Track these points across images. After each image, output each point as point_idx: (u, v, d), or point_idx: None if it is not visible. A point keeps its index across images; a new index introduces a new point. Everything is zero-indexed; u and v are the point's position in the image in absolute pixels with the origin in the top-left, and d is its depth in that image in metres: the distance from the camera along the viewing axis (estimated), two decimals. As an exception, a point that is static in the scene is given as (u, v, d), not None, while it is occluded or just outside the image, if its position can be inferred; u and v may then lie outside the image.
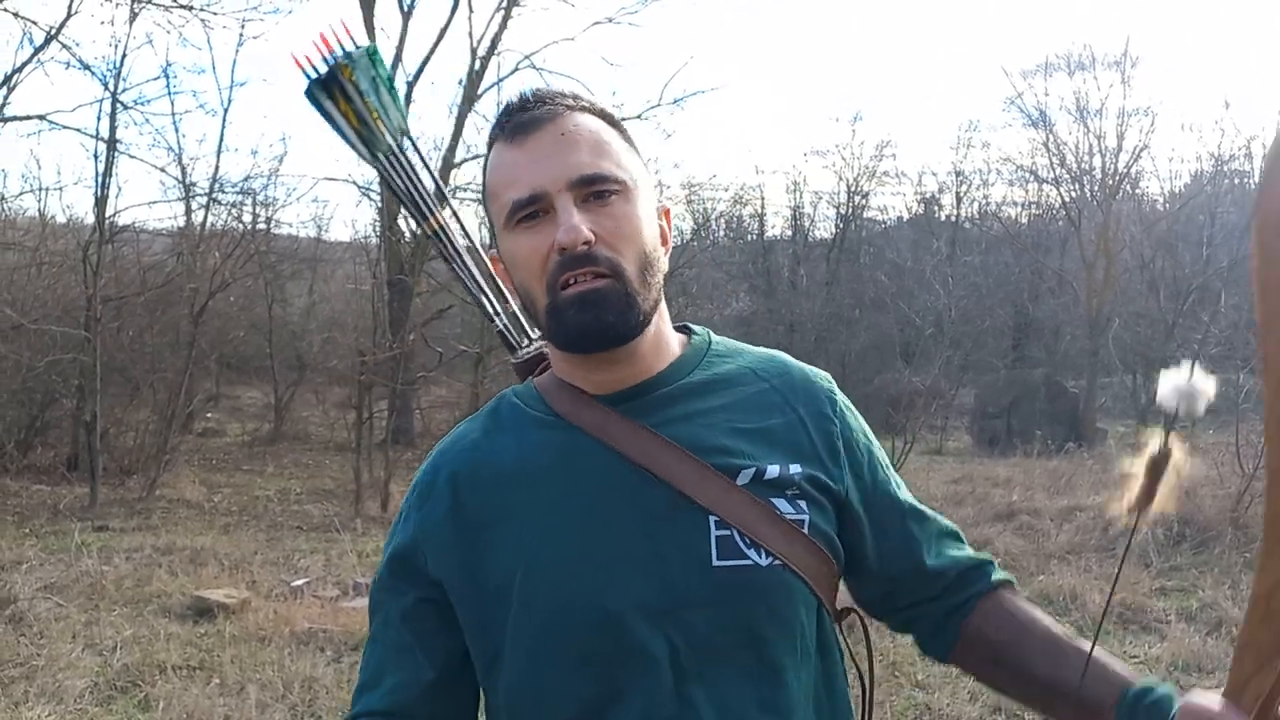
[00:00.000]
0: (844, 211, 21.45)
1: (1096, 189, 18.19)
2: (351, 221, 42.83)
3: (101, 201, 9.95)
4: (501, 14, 13.27)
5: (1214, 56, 36.67)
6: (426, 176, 1.46)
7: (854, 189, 21.25)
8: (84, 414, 9.56)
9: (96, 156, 10.07)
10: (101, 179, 9.96)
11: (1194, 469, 0.96)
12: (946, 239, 21.60)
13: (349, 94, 1.38)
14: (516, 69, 13.24)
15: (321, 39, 1.36)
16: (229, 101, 13.80)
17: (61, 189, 19.83)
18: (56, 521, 7.93)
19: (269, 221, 13.99)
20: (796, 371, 1.17)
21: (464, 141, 13.19)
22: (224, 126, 15.91)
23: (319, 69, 1.37)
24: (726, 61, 35.61)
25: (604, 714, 1.02)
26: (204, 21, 10.27)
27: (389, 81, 1.42)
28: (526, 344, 1.38)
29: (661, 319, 1.12)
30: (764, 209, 21.65)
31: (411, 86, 13.19)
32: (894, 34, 40.66)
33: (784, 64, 41.00)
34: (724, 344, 1.19)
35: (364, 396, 10.06)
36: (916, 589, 1.18)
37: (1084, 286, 17.48)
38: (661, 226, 1.12)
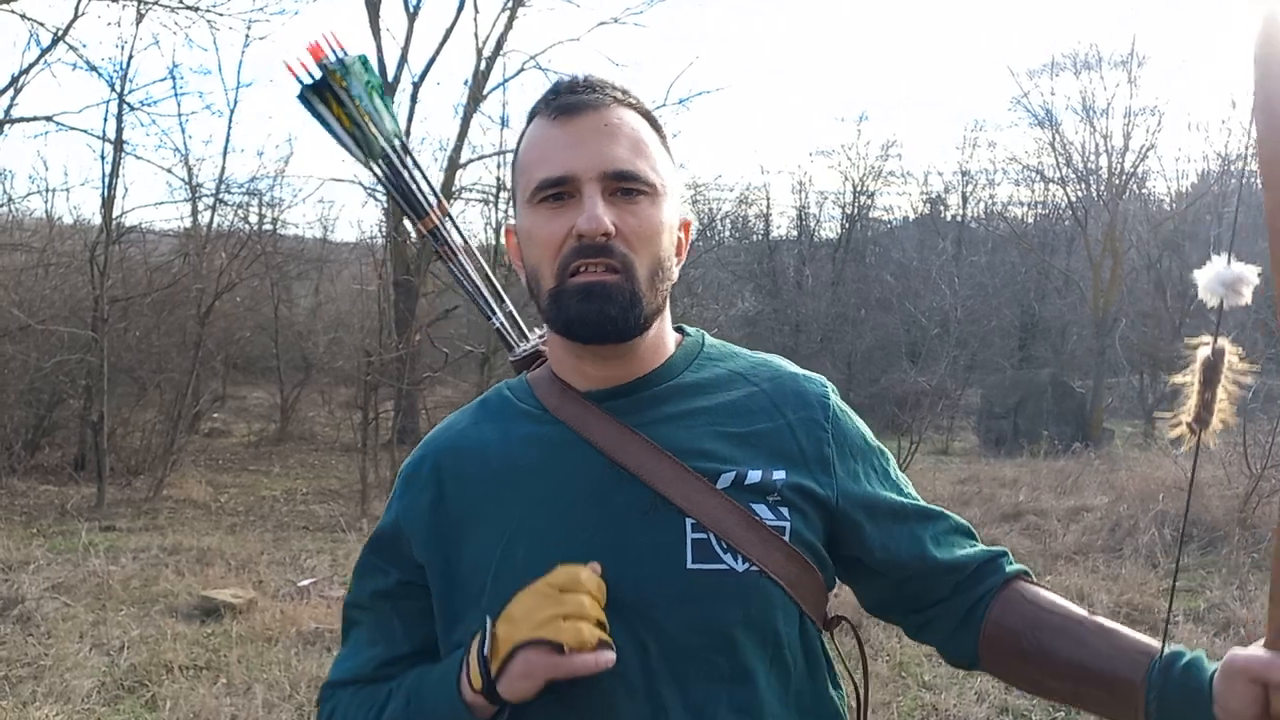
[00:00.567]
0: (849, 211, 21.45)
1: (1103, 188, 18.14)
2: (357, 222, 42.98)
3: (108, 202, 9.99)
4: (507, 15, 13.26)
5: (1221, 55, 36.57)
6: (421, 178, 1.47)
7: (859, 189, 21.26)
8: (91, 414, 9.57)
9: (103, 157, 10.12)
10: (108, 180, 10.00)
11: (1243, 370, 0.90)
12: (952, 239, 21.58)
13: (341, 99, 1.39)
14: (522, 69, 13.23)
15: (314, 46, 1.37)
16: (235, 102, 13.78)
17: (68, 190, 19.93)
18: (64, 521, 7.94)
19: (275, 222, 14.01)
20: (788, 377, 1.16)
21: (469, 142, 13.20)
22: (230, 127, 15.84)
23: (312, 75, 1.38)
24: (732, 62, 35.65)
25: (573, 712, 1.02)
26: (210, 23, 10.27)
27: (380, 89, 1.44)
28: (524, 343, 1.39)
29: (662, 323, 1.12)
30: (769, 209, 21.67)
31: (417, 87, 13.20)
32: (900, 34, 40.68)
33: (789, 64, 41.02)
34: (716, 347, 1.18)
35: (370, 397, 10.07)
36: (928, 589, 1.16)
37: (1090, 286, 17.43)
38: (680, 238, 1.12)
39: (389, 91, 13.49)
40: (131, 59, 10.17)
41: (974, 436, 15.13)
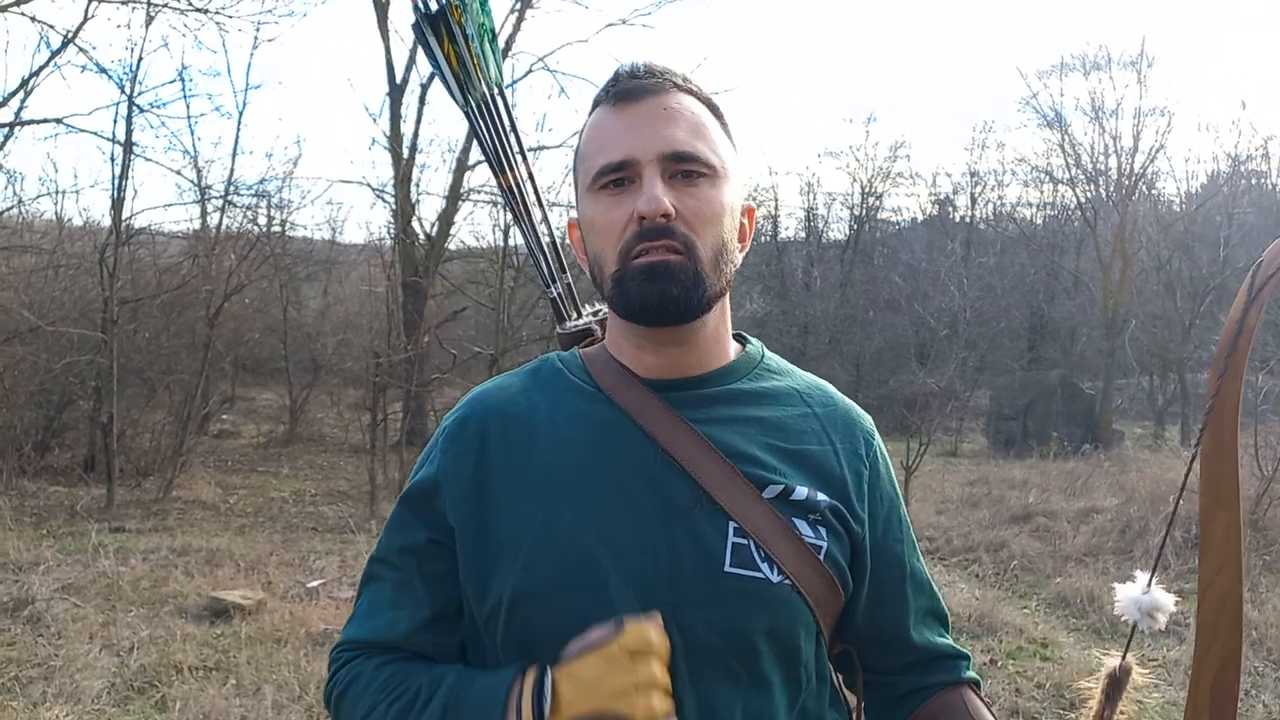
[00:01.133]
0: (858, 213, 21.45)
1: (1112, 189, 18.10)
2: (366, 224, 43.16)
3: (118, 204, 10.01)
4: (515, 16, 13.28)
5: (1231, 56, 36.48)
6: (511, 133, 1.44)
7: (868, 190, 21.27)
8: (100, 415, 9.61)
9: (113, 159, 10.13)
10: (118, 182, 10.02)
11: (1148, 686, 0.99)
12: (961, 240, 21.54)
13: (455, 36, 1.37)
14: (530, 71, 13.23)
15: None
16: (244, 104, 13.93)
17: (78, 192, 19.93)
18: (73, 522, 7.97)
19: (284, 224, 14.06)
20: (841, 405, 1.17)
21: (477, 143, 13.20)
22: (239, 129, 16.06)
23: (430, 5, 1.36)
24: (740, 63, 35.64)
25: None
26: (219, 25, 10.32)
27: (492, 34, 1.42)
28: (575, 317, 1.37)
29: (723, 318, 1.12)
30: (778, 210, 21.72)
31: (425, 88, 13.22)
32: (908, 35, 40.62)
33: (798, 65, 41.01)
34: (776, 360, 1.19)
35: (378, 398, 10.08)
36: (887, 655, 1.17)
37: (1100, 287, 17.40)
38: (743, 224, 1.11)
39: (396, 94, 13.51)
40: (141, 61, 10.26)
41: (983, 438, 15.10)
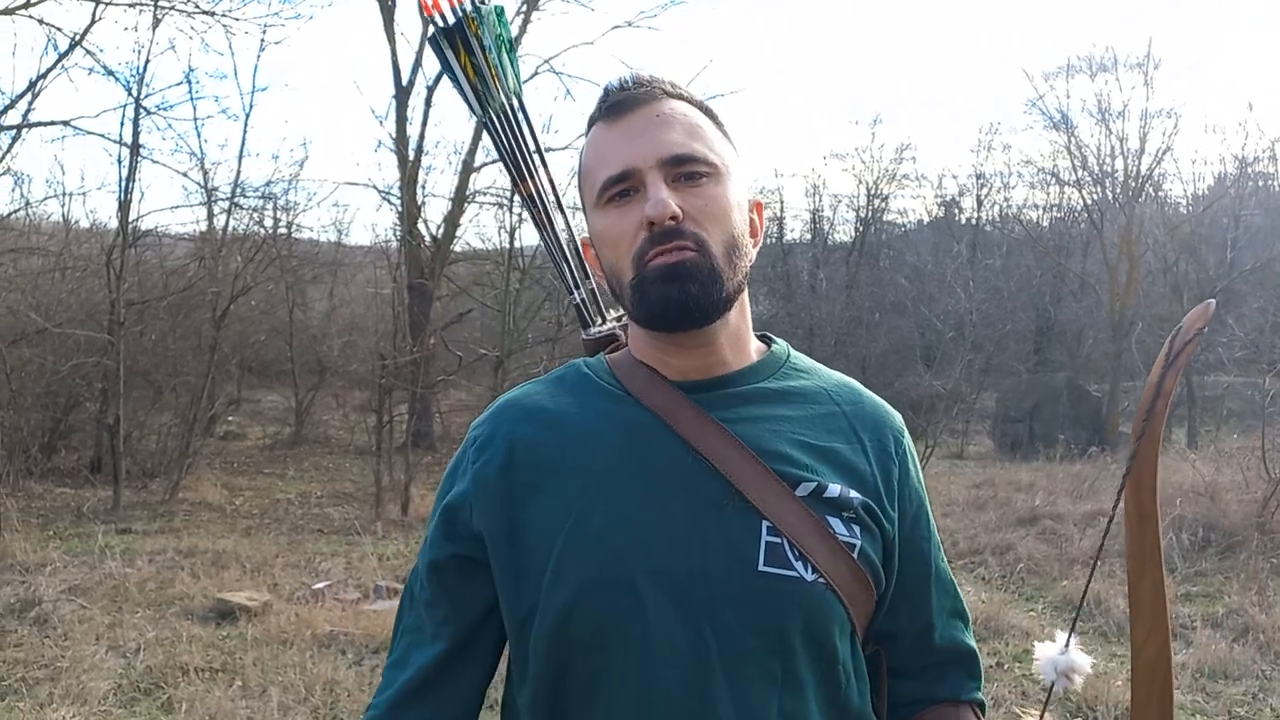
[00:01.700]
0: (864, 215, 21.43)
1: (1119, 191, 18.06)
2: (372, 225, 43.17)
3: (124, 206, 10.04)
4: (521, 18, 13.30)
5: (1238, 57, 36.42)
6: (530, 141, 1.44)
7: (874, 192, 21.24)
8: (107, 417, 9.62)
9: (120, 161, 10.20)
10: (124, 184, 10.06)
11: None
12: (967, 242, 21.50)
13: (471, 47, 1.38)
14: (536, 73, 13.24)
15: None
16: (250, 107, 13.82)
17: (85, 194, 20.04)
18: (80, 524, 7.99)
19: (290, 226, 14.09)
20: (869, 403, 1.16)
21: (483, 146, 13.21)
22: (245, 131, 16.01)
23: (446, 19, 1.37)
24: (746, 65, 35.64)
25: (621, 694, 1.01)
26: (226, 27, 10.34)
27: (510, 44, 1.42)
28: (600, 322, 1.37)
29: (743, 316, 1.12)
30: (783, 212, 21.68)
31: (431, 91, 13.24)
32: (914, 36, 40.59)
33: (803, 67, 41.00)
34: (802, 359, 1.19)
35: (384, 400, 10.08)
36: (906, 656, 1.17)
37: (1106, 290, 17.36)
38: (752, 219, 1.12)
39: (402, 96, 13.52)
40: (148, 64, 10.32)
41: (989, 440, 15.08)
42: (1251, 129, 25.13)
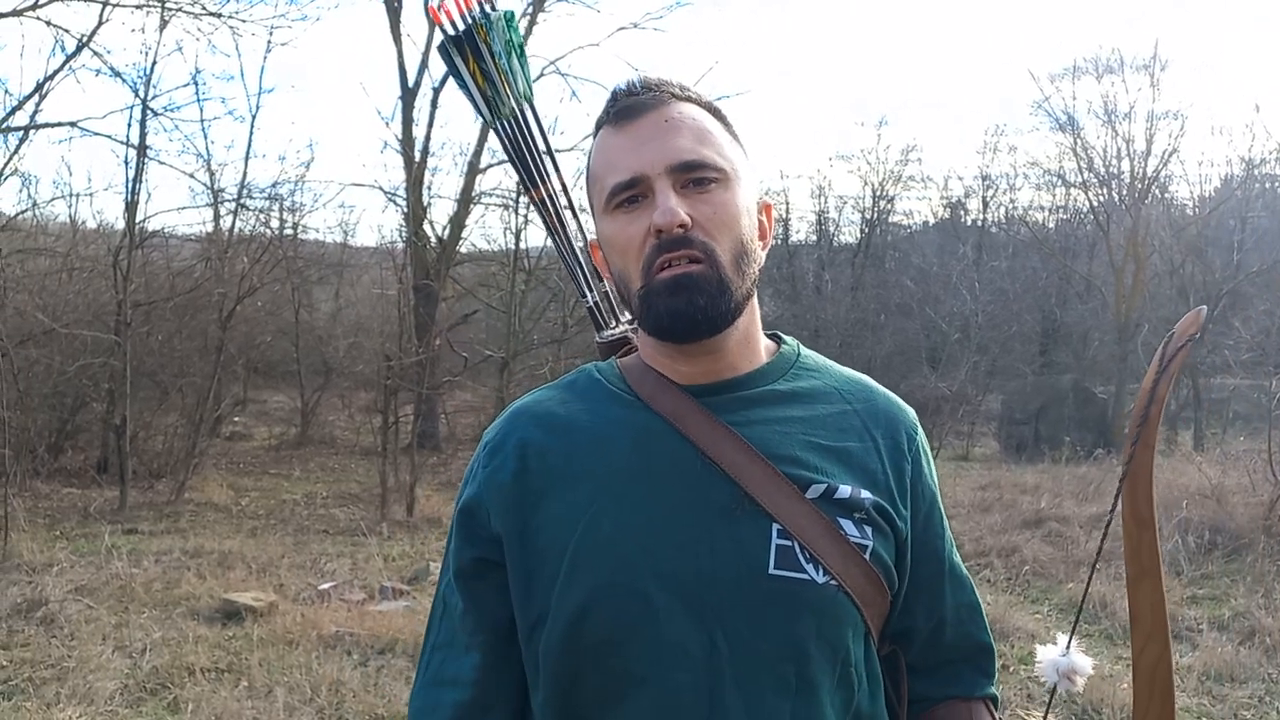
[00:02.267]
0: (869, 216, 21.41)
1: (1125, 193, 18.04)
2: (378, 227, 43.15)
3: (131, 207, 10.07)
4: (526, 19, 13.31)
5: (1245, 59, 36.34)
6: (542, 146, 1.44)
7: (879, 193, 21.22)
8: (114, 418, 9.66)
9: (127, 163, 10.22)
10: (131, 185, 10.10)
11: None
12: (973, 244, 21.48)
13: (481, 54, 1.38)
14: (541, 74, 13.25)
15: None
16: (257, 108, 13.96)
17: (92, 195, 20.05)
18: (87, 524, 8.01)
19: (296, 227, 14.14)
20: (882, 399, 1.16)
21: (488, 147, 13.24)
22: (252, 133, 16.13)
23: (456, 26, 1.37)
24: (751, 66, 35.64)
25: (631, 700, 1.01)
26: (233, 29, 10.40)
27: (520, 49, 1.42)
28: (614, 325, 1.37)
29: (752, 319, 1.12)
30: (789, 213, 21.67)
31: (437, 93, 13.26)
32: (919, 38, 40.52)
33: (808, 68, 40.95)
34: (813, 358, 1.18)
35: (389, 401, 10.10)
36: (920, 653, 1.16)
37: (1113, 291, 17.33)
38: (761, 221, 1.12)
39: (408, 98, 13.54)
40: (155, 65, 10.28)
41: (995, 442, 15.05)
42: (1258, 131, 25.04)
